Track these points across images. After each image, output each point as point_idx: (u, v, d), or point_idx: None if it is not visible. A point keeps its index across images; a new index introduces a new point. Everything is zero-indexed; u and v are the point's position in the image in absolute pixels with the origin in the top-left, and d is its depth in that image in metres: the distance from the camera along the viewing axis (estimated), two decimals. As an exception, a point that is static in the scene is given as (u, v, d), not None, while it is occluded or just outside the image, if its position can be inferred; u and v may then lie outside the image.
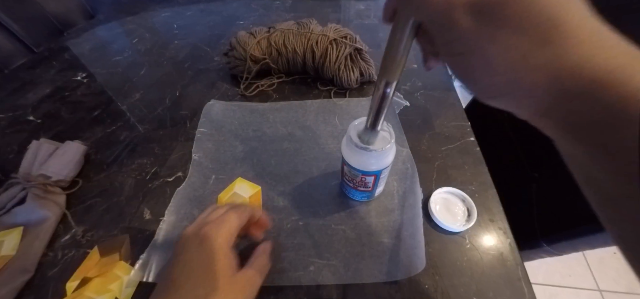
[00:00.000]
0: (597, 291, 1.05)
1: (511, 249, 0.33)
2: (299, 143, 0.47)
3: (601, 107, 0.13)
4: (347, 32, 0.55)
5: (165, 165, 0.45)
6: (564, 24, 0.13)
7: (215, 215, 0.28)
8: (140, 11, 0.93)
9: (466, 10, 0.14)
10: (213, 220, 0.27)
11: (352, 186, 0.35)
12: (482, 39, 0.14)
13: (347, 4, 0.89)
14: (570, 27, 0.13)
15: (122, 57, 0.72)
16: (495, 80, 0.15)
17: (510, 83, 0.15)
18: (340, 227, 0.36)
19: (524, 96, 0.15)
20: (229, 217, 0.28)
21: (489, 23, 0.14)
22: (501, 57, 0.14)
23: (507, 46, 0.14)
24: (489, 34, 0.14)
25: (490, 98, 0.16)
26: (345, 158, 0.33)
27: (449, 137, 0.46)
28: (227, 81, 0.60)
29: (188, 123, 0.51)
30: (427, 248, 0.33)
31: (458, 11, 0.14)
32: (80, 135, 0.50)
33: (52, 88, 0.62)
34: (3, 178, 0.41)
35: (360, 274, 0.32)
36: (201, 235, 0.26)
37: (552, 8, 0.13)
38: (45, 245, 0.36)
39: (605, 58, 0.12)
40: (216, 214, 0.29)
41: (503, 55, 0.14)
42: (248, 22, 0.84)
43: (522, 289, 0.30)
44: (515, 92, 0.15)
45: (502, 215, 0.36)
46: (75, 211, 0.39)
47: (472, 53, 0.15)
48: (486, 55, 0.14)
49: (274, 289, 0.32)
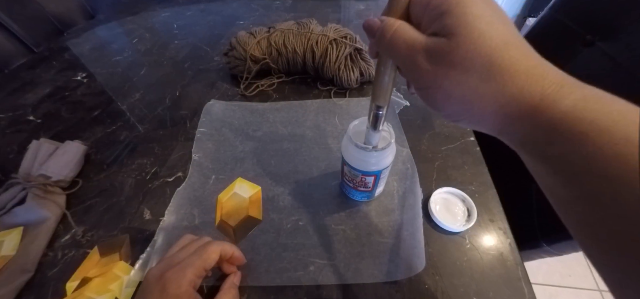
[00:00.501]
0: (597, 291, 1.05)
1: (511, 250, 0.33)
2: (299, 143, 0.47)
3: (537, 128, 0.16)
4: (347, 32, 0.55)
5: (165, 165, 0.45)
6: (500, 65, 0.16)
7: (183, 254, 0.28)
8: (140, 11, 0.93)
9: (424, 55, 0.17)
10: (179, 261, 0.27)
11: (352, 186, 0.35)
12: (439, 77, 0.17)
13: (347, 4, 0.89)
14: (506, 66, 0.16)
15: (122, 57, 0.72)
16: (454, 108, 0.18)
17: (466, 110, 0.18)
18: (340, 227, 0.36)
19: (479, 120, 0.18)
20: (194, 260, 0.27)
21: (442, 65, 0.17)
22: (455, 90, 0.17)
23: (459, 82, 0.17)
24: (442, 72, 0.17)
25: (455, 121, 0.19)
26: (345, 158, 0.33)
27: (449, 137, 0.46)
28: (227, 81, 0.60)
29: (188, 123, 0.51)
30: (427, 248, 0.33)
31: (418, 56, 0.18)
32: (80, 135, 0.50)
33: (52, 88, 0.62)
34: (3, 178, 0.41)
35: (360, 274, 0.32)
36: (164, 280, 0.25)
37: (490, 51, 0.16)
38: (45, 245, 0.36)
39: (537, 89, 0.15)
40: (184, 253, 0.28)
41: (456, 89, 0.17)
42: (248, 22, 0.84)
43: (522, 289, 0.30)
44: (472, 116, 0.18)
45: (502, 215, 0.36)
46: (75, 211, 0.39)
47: (433, 87, 0.18)
48: (444, 89, 0.18)
49: (274, 289, 0.32)
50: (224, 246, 0.30)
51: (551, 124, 0.15)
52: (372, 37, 0.20)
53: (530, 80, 0.16)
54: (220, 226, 0.37)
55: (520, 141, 0.17)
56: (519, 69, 0.16)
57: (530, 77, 0.16)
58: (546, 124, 0.15)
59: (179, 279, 0.25)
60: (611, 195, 0.14)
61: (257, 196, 0.40)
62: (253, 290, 0.32)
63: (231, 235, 0.36)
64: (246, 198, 0.39)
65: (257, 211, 0.38)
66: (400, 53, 0.19)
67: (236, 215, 0.37)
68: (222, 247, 0.29)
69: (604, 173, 0.14)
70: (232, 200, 0.39)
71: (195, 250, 0.28)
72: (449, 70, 0.17)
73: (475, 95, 0.17)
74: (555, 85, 0.15)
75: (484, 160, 0.42)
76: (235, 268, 0.32)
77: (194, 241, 0.30)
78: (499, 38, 0.16)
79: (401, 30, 0.18)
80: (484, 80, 0.16)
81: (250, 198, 0.39)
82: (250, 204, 0.39)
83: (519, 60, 0.16)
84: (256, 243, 0.35)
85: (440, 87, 0.18)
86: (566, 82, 0.15)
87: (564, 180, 0.16)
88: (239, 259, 0.31)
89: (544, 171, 0.17)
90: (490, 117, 0.17)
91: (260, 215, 0.38)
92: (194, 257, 0.27)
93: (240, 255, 0.31)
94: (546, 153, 0.16)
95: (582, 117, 0.14)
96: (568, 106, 0.15)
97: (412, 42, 0.18)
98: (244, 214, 0.37)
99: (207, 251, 0.28)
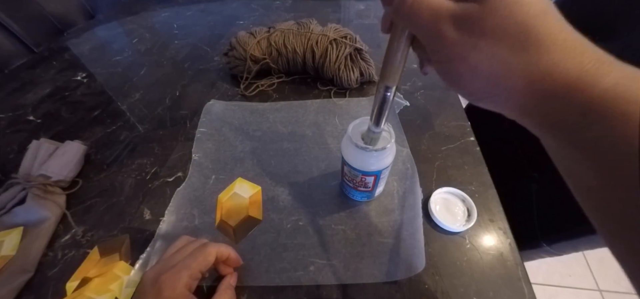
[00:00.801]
0: (597, 291, 1.05)
1: (511, 250, 0.33)
2: (299, 143, 0.47)
3: (572, 108, 0.14)
4: (347, 32, 0.55)
5: (165, 165, 0.45)
6: (537, 34, 0.14)
7: (179, 256, 0.28)
8: (140, 11, 0.93)
9: (451, 23, 0.16)
10: (174, 264, 0.26)
11: (352, 186, 0.35)
12: (466, 48, 0.16)
13: (347, 4, 0.89)
14: (543, 36, 0.14)
15: (122, 57, 0.72)
16: (479, 84, 0.17)
17: (492, 86, 0.16)
18: (340, 227, 0.36)
19: (506, 98, 0.16)
20: (190, 262, 0.27)
21: (471, 34, 0.15)
22: (483, 64, 0.16)
23: (488, 54, 0.15)
24: (471, 43, 0.15)
25: (477, 100, 0.18)
26: (345, 158, 0.33)
27: (449, 137, 0.46)
28: (227, 81, 0.60)
29: (188, 123, 0.51)
30: (427, 248, 0.33)
31: (444, 24, 0.16)
32: (80, 135, 0.50)
33: (52, 88, 0.62)
34: (3, 178, 0.41)
35: (360, 274, 0.32)
36: (159, 283, 0.25)
37: (527, 20, 0.14)
38: (45, 245, 0.36)
39: (575, 64, 0.14)
40: (180, 255, 0.28)
41: (485, 62, 0.15)
42: (248, 22, 0.84)
43: (522, 289, 0.30)
44: (497, 94, 0.16)
45: (502, 215, 0.36)
46: (75, 211, 0.39)
47: (458, 60, 0.16)
48: (470, 62, 0.16)
49: (274, 289, 0.32)
50: (220, 248, 0.29)
51: (589, 104, 0.14)
52: (389, 4, 0.18)
53: (568, 54, 0.14)
54: (220, 226, 0.37)
55: (550, 123, 0.16)
56: (556, 41, 0.14)
57: (568, 51, 0.14)
58: (584, 103, 0.14)
59: (174, 282, 0.25)
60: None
61: (257, 196, 0.40)
62: (253, 290, 0.32)
63: (231, 235, 0.36)
64: (246, 198, 0.39)
65: (257, 211, 0.38)
66: (422, 21, 0.17)
67: (236, 215, 0.37)
68: (218, 249, 0.29)
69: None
70: (232, 200, 0.39)
71: (191, 252, 0.28)
72: (479, 39, 0.15)
73: (505, 69, 0.15)
74: (595, 61, 0.14)
75: (484, 160, 0.42)
76: (231, 270, 0.31)
77: (191, 242, 0.30)
78: (537, 5, 0.14)
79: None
80: (517, 51, 0.15)
81: (250, 198, 0.39)
82: (250, 204, 0.39)
83: (557, 31, 0.14)
84: (256, 243, 0.35)
85: (465, 60, 0.16)
86: (606, 59, 0.14)
87: (598, 166, 0.14)
88: (235, 261, 0.31)
89: (574, 157, 0.15)
90: (518, 95, 0.16)
91: (260, 215, 0.38)
92: (190, 259, 0.27)
93: (236, 257, 0.31)
94: (580, 136, 0.14)
95: (624, 97, 0.13)
96: (608, 84, 0.13)
97: (437, 7, 0.16)
98: (244, 214, 0.37)
99: (203, 254, 0.28)
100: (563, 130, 0.15)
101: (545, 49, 0.14)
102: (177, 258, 0.27)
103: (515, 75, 0.15)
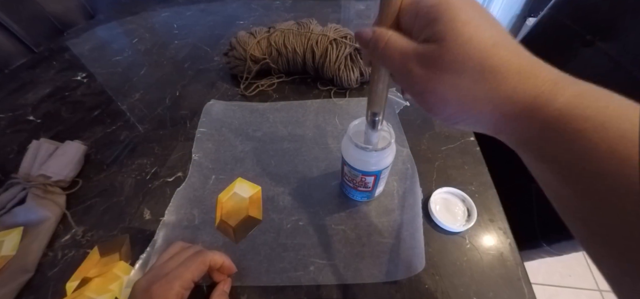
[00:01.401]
0: (597, 291, 1.05)
1: (511, 249, 0.33)
2: (299, 143, 0.47)
3: (533, 127, 0.16)
4: (347, 32, 0.55)
5: (165, 165, 0.45)
6: (492, 65, 0.16)
7: (172, 264, 0.28)
8: (140, 11, 0.93)
9: (417, 62, 0.18)
10: (166, 273, 0.26)
11: (352, 186, 0.35)
12: (433, 81, 0.17)
13: (347, 4, 0.89)
14: (497, 66, 0.16)
15: (122, 57, 0.72)
16: (451, 111, 0.18)
17: (463, 112, 0.18)
18: (340, 227, 0.36)
19: (477, 120, 0.18)
20: (182, 272, 0.27)
21: (435, 70, 0.17)
22: (450, 94, 0.17)
23: (452, 85, 0.17)
24: (436, 77, 0.17)
25: (453, 124, 0.19)
26: (345, 158, 0.33)
27: (449, 137, 0.46)
28: (227, 81, 0.60)
29: (188, 123, 0.51)
30: (427, 248, 0.33)
31: (411, 62, 0.18)
32: (80, 135, 0.50)
33: (52, 88, 0.62)
34: (3, 178, 0.41)
35: (360, 274, 0.32)
36: (150, 293, 0.25)
37: (480, 54, 0.16)
38: (45, 245, 0.36)
39: (530, 88, 0.15)
40: (172, 263, 0.28)
41: (451, 92, 0.17)
42: (248, 22, 0.84)
43: (522, 289, 0.30)
44: (468, 119, 0.18)
45: (502, 215, 0.36)
46: (75, 211, 0.39)
47: (428, 92, 0.18)
48: (438, 93, 0.18)
49: (274, 289, 0.32)
50: (214, 255, 0.29)
51: (546, 123, 0.15)
52: (366, 48, 0.21)
53: (523, 79, 0.16)
54: (220, 226, 0.37)
55: (517, 140, 0.17)
56: (510, 69, 0.16)
57: (523, 76, 0.16)
58: (541, 123, 0.15)
59: (165, 292, 0.25)
60: (607, 191, 0.14)
61: (257, 196, 0.40)
62: (253, 290, 0.32)
63: (231, 235, 0.36)
64: (246, 198, 0.39)
65: (257, 211, 0.38)
66: (393, 61, 0.19)
67: (236, 215, 0.37)
68: (212, 257, 0.29)
69: (599, 169, 0.14)
70: (232, 200, 0.39)
71: (184, 261, 0.28)
72: (442, 74, 0.17)
73: (469, 97, 0.17)
74: (549, 83, 0.15)
75: (484, 160, 0.42)
76: (225, 277, 0.31)
77: (184, 250, 0.30)
78: (488, 40, 0.16)
79: (393, 40, 0.19)
80: (477, 81, 0.16)
81: (250, 198, 0.39)
82: (250, 204, 0.39)
83: (510, 59, 0.16)
84: (256, 243, 0.35)
85: (434, 91, 0.18)
86: (560, 80, 0.15)
87: (561, 178, 0.16)
88: (229, 268, 0.31)
89: (542, 170, 0.17)
90: (487, 118, 0.17)
91: (260, 215, 0.38)
92: (182, 268, 0.27)
93: (230, 264, 0.31)
94: (543, 151, 0.16)
95: (576, 114, 0.14)
96: (562, 104, 0.15)
97: (404, 50, 0.18)
98: (244, 214, 0.37)
99: (196, 262, 0.28)
100: (528, 145, 0.17)
101: (501, 77, 0.16)
102: (170, 266, 0.27)
103: (479, 102, 0.17)
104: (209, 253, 0.29)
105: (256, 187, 0.41)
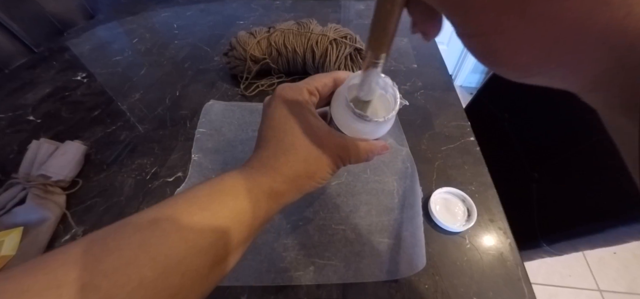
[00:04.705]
0: (597, 291, 1.05)
1: (511, 249, 0.33)
2: (299, 143, 0.46)
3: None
4: (347, 32, 0.55)
5: (165, 165, 0.45)
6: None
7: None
8: (140, 11, 0.93)
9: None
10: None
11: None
12: (511, 17, 0.11)
13: (347, 4, 0.89)
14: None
15: (122, 57, 0.72)
16: (530, 56, 0.12)
17: (551, 53, 0.12)
18: (340, 227, 0.36)
19: (567, 73, 0.12)
20: (308, 80, 0.25)
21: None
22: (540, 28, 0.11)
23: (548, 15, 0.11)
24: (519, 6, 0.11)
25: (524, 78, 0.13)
26: (336, 119, 0.25)
27: (449, 137, 0.46)
28: (227, 81, 0.60)
29: (188, 123, 0.51)
30: (427, 248, 0.33)
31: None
32: (80, 135, 0.50)
33: (52, 88, 0.62)
34: (3, 178, 0.41)
35: (360, 273, 0.32)
36: (276, 93, 0.24)
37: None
38: (45, 245, 0.36)
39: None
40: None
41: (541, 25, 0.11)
42: (248, 22, 0.84)
43: (522, 289, 0.30)
44: (554, 70, 0.12)
45: (502, 215, 0.36)
46: (75, 211, 0.39)
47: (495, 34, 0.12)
48: (514, 35, 0.12)
49: (274, 289, 0.32)
50: (338, 73, 0.26)
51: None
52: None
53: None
54: (220, 226, 0.37)
55: (629, 100, 0.11)
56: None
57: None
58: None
59: (291, 89, 0.24)
60: None
61: (257, 196, 0.40)
62: (253, 290, 0.32)
63: (231, 235, 0.36)
64: (246, 198, 0.39)
65: (257, 211, 0.38)
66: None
67: (236, 215, 0.37)
68: (335, 75, 0.26)
69: None
70: (232, 200, 0.39)
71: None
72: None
73: (575, 31, 0.10)
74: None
75: (484, 160, 0.42)
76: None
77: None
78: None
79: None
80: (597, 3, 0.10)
81: (250, 198, 0.39)
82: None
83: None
84: (256, 243, 0.35)
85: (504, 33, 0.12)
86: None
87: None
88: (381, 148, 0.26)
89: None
90: (588, 63, 0.11)
91: (260, 215, 0.38)
92: (308, 79, 0.25)
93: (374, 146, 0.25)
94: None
95: None
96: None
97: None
98: (244, 214, 0.37)
99: (320, 76, 0.25)
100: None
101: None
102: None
103: (586, 42, 0.11)
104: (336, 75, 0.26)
105: (256, 187, 0.41)
